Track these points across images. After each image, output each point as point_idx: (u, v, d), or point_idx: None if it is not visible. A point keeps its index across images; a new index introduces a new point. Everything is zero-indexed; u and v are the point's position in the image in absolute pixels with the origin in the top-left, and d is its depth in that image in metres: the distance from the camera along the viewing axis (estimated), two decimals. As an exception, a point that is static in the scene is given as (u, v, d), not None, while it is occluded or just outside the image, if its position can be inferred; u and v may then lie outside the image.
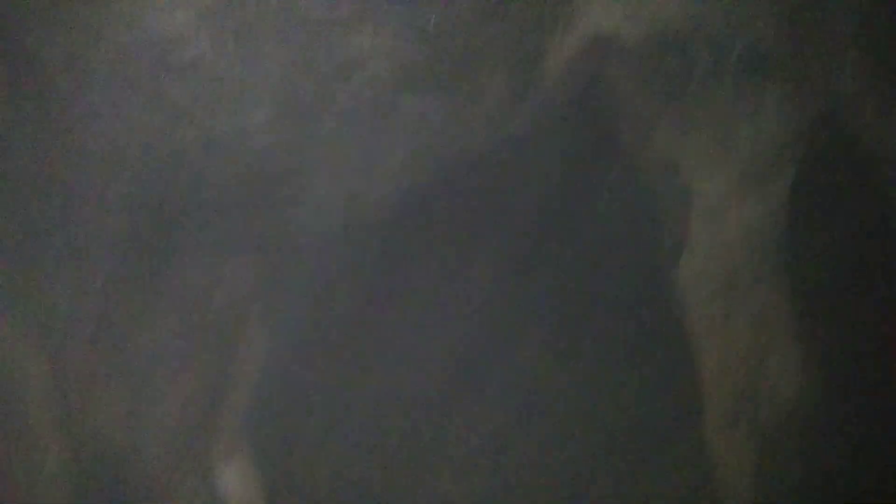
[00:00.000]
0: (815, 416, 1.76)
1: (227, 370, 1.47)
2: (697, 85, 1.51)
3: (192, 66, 1.16)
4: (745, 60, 1.37)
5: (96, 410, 1.35)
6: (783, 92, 1.52)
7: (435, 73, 1.26)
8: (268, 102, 1.21)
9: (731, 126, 1.63)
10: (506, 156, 1.54)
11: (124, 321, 1.30)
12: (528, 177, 2.00)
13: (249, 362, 1.53)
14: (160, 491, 1.51)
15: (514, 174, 1.97)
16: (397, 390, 2.11)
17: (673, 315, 1.76)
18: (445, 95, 1.28)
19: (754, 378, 1.73)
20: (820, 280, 2.01)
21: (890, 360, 2.06)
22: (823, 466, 1.75)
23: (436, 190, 1.47)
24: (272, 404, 1.79)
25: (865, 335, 2.11)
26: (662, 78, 1.56)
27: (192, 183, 1.21)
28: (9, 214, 1.25)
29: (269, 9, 1.15)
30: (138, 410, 1.40)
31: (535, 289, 2.13)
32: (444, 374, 2.13)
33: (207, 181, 1.22)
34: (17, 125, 1.20)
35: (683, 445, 1.92)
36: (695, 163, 1.69)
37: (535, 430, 2.11)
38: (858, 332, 2.12)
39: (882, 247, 1.51)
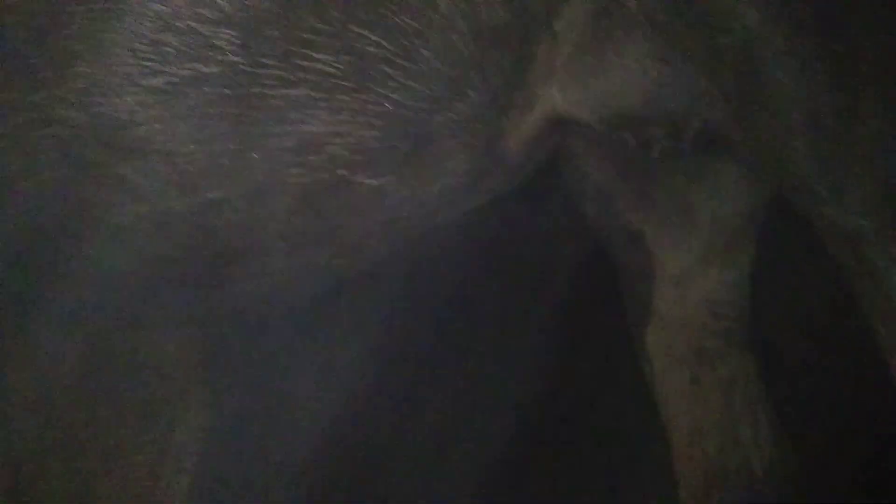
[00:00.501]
0: (787, 489, 1.72)
1: (168, 449, 1.45)
2: (656, 162, 1.52)
3: (142, 146, 1.16)
4: (700, 141, 1.38)
5: (46, 485, 1.32)
6: (739, 172, 1.53)
7: (392, 154, 1.26)
8: (222, 182, 1.21)
9: (692, 201, 1.64)
10: (466, 230, 1.54)
11: (67, 395, 1.28)
12: (490, 249, 2.01)
13: (191, 442, 1.50)
14: None
15: (475, 247, 1.97)
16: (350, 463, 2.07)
17: (642, 384, 1.74)
18: (403, 175, 1.28)
19: (725, 451, 1.70)
20: (788, 348, 1.99)
21: (861, 428, 2.04)
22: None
23: (394, 263, 1.47)
24: (216, 487, 1.76)
25: (836, 401, 2.09)
26: (621, 155, 1.57)
27: (144, 259, 1.20)
28: None
29: (223, 92, 1.15)
30: (84, 486, 1.37)
31: (502, 358, 2.12)
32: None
33: (160, 257, 1.21)
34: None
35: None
36: (659, 234, 1.68)
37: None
38: (829, 398, 2.10)
39: (841, 319, 1.50)
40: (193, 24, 1.16)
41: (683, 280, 1.69)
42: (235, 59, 1.17)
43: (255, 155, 1.18)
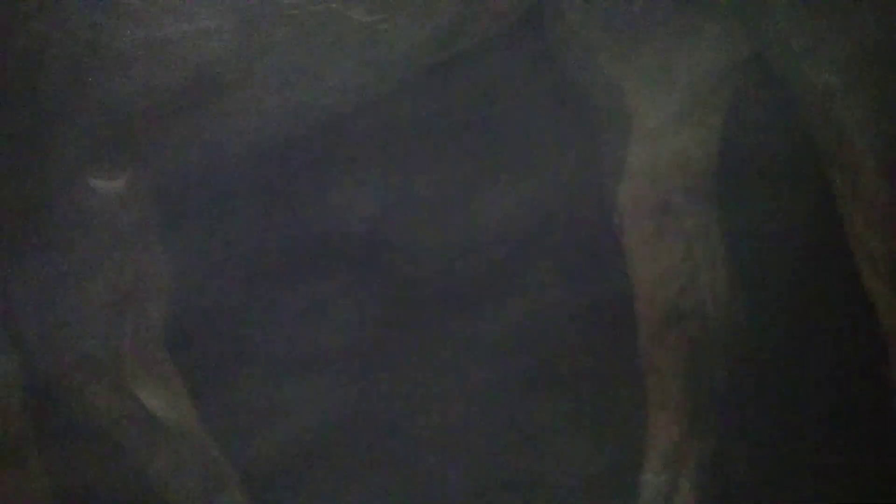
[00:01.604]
0: (738, 330, 1.80)
1: (135, 282, 1.47)
2: (637, 16, 1.49)
3: None
4: None
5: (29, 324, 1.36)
6: (720, 27, 1.51)
7: None
8: (217, 10, 1.17)
9: (671, 57, 1.62)
10: (454, 71, 1.52)
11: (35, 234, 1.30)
12: (476, 93, 1.99)
13: (157, 276, 1.52)
14: (85, 405, 1.52)
15: (462, 90, 1.95)
16: (315, 303, 2.10)
17: (610, 233, 1.77)
18: (395, 13, 1.25)
19: (683, 294, 1.76)
20: (748, 206, 2.03)
21: (807, 280, 2.11)
22: (743, 374, 1.80)
23: (383, 102, 1.46)
24: (189, 322, 1.79)
25: (788, 258, 2.15)
26: (601, 7, 1.54)
27: (139, 87, 1.19)
28: None
29: (219, -82, 1.11)
30: (57, 325, 1.40)
31: (481, 201, 2.13)
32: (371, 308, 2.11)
33: (154, 85, 1.19)
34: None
35: (619, 353, 1.96)
36: (637, 89, 1.68)
37: (474, 344, 2.13)
38: (783, 255, 2.16)
39: (805, 178, 1.53)
40: None
41: (657, 135, 1.69)
42: None
43: (250, -16, 1.16)
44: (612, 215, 1.78)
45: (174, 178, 1.52)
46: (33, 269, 1.46)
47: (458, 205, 2.14)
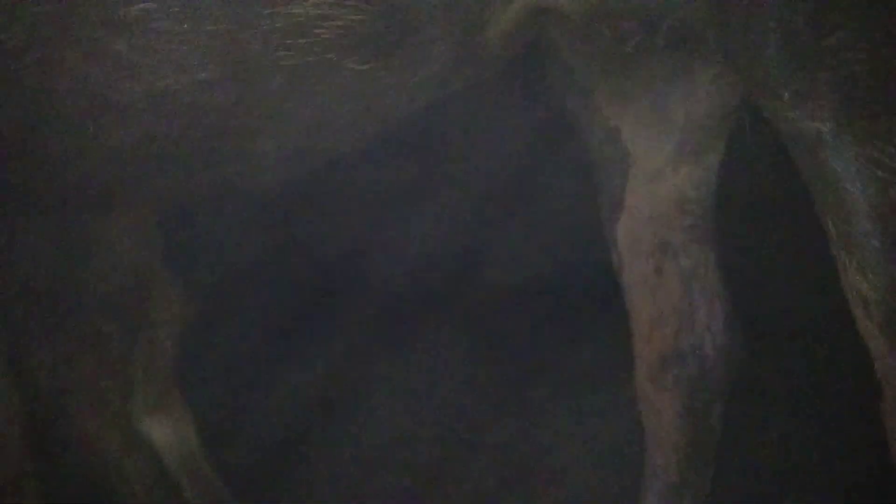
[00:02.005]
0: (737, 370, 1.79)
1: (146, 317, 1.49)
2: (631, 59, 1.51)
3: (139, 24, 1.14)
4: (673, 38, 1.37)
5: (33, 368, 1.37)
6: (714, 72, 1.53)
7: (377, 40, 1.25)
8: (214, 61, 1.20)
9: (667, 99, 1.63)
10: (450, 115, 1.54)
11: (51, 273, 1.32)
12: (473, 134, 2.01)
13: (169, 312, 1.54)
14: (91, 442, 1.53)
15: (459, 132, 1.97)
16: (325, 337, 2.12)
17: (610, 272, 1.78)
18: (388, 61, 1.27)
19: (681, 334, 1.76)
20: (746, 245, 2.03)
21: (805, 317, 2.11)
22: (740, 411, 1.80)
23: (381, 146, 1.47)
24: (196, 356, 1.80)
25: (786, 297, 2.15)
26: (599, 49, 1.56)
27: (140, 137, 1.20)
28: None
29: (214, -29, 1.13)
30: (67, 365, 1.42)
31: (481, 240, 2.14)
32: (372, 331, 2.13)
33: (154, 134, 1.21)
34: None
35: (619, 391, 1.96)
36: (634, 130, 1.69)
37: (477, 377, 2.14)
38: (780, 294, 2.16)
39: (802, 218, 1.53)
40: None
41: (655, 176, 1.70)
42: None
43: (245, 36, 1.17)
44: (611, 255, 1.79)
45: (180, 217, 1.54)
46: (42, 301, 1.48)
47: (457, 243, 2.15)
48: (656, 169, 1.70)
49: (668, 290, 1.75)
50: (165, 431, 1.71)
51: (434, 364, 2.11)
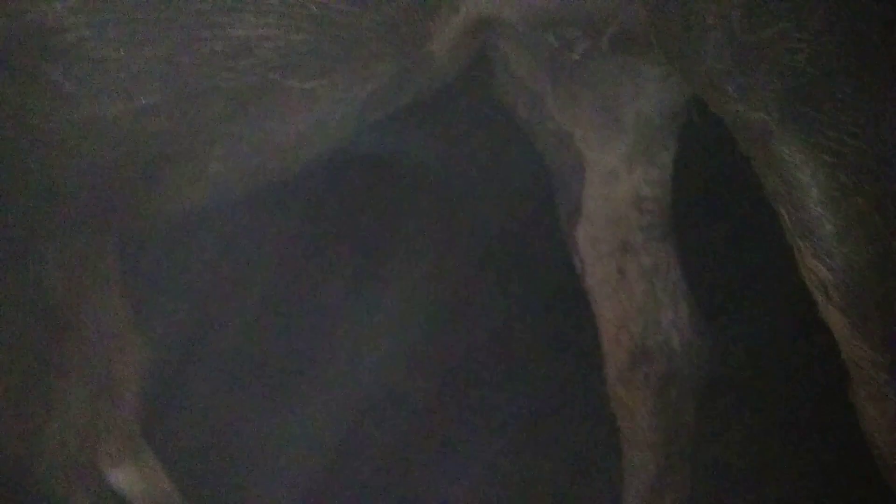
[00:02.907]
0: (706, 365, 1.79)
1: (108, 374, 1.47)
2: (579, 64, 1.51)
3: (73, 51, 1.11)
4: (618, 43, 1.38)
5: None
6: (660, 71, 1.53)
7: (321, 57, 1.23)
8: (155, 87, 1.17)
9: (616, 103, 1.64)
10: (400, 129, 1.53)
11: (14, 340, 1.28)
12: (425, 147, 2.00)
13: (132, 364, 1.52)
14: (56, 492, 1.50)
15: (411, 145, 1.96)
16: (295, 381, 2.10)
17: (571, 276, 1.78)
18: (333, 79, 1.25)
19: (648, 332, 1.76)
20: (705, 240, 2.04)
21: (769, 310, 2.11)
22: (713, 406, 1.80)
23: (330, 163, 1.46)
24: (165, 403, 1.78)
25: (750, 289, 2.16)
26: (546, 57, 1.56)
27: (83, 165, 1.18)
28: None
29: (149, -3, 1.11)
30: (30, 419, 1.39)
31: (440, 248, 2.13)
32: (338, 363, 2.12)
33: (97, 163, 1.19)
34: None
35: (588, 393, 1.95)
36: (587, 134, 1.69)
37: (439, 387, 2.12)
38: (744, 286, 2.17)
39: (756, 209, 1.54)
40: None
41: (610, 178, 1.70)
42: None
43: (185, 59, 1.15)
44: (572, 258, 1.79)
45: (136, 251, 1.51)
46: (4, 367, 1.45)
47: (416, 252, 2.14)
48: (611, 170, 1.70)
49: (632, 290, 1.75)
50: (135, 481, 1.69)
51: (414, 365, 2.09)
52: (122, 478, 1.68)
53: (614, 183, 1.71)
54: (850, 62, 1.24)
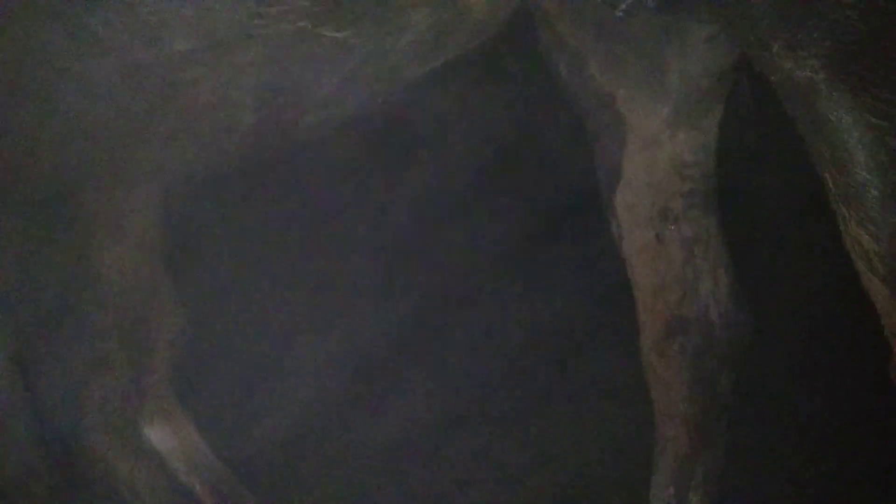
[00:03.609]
0: (743, 338, 1.75)
1: (146, 338, 1.49)
2: (623, 22, 1.47)
3: None
4: (662, 1, 1.33)
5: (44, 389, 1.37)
6: (706, 31, 1.48)
7: (354, 6, 1.21)
8: (186, 33, 1.17)
9: (661, 64, 1.59)
10: (438, 86, 1.50)
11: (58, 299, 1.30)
12: (463, 107, 1.97)
13: (166, 329, 1.55)
14: (100, 458, 1.55)
15: (448, 105, 1.93)
16: (318, 345, 2.09)
17: (610, 241, 1.74)
18: (368, 28, 1.23)
19: (686, 302, 1.72)
20: (749, 210, 1.98)
21: (809, 286, 2.05)
22: (749, 381, 1.76)
23: (366, 119, 1.44)
24: (196, 365, 1.80)
25: (791, 261, 2.10)
26: (589, 14, 1.51)
27: (113, 112, 1.18)
28: None
29: (181, -60, 1.10)
30: (74, 377, 1.43)
31: (477, 217, 2.11)
32: (362, 333, 2.10)
33: (128, 109, 1.18)
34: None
35: (623, 362, 1.92)
36: (629, 96, 1.64)
37: (476, 349, 2.10)
38: (785, 259, 2.11)
39: (805, 178, 1.48)
40: None
41: (652, 142, 1.66)
42: None
43: (215, 5, 1.14)
44: (610, 223, 1.76)
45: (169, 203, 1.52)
46: (52, 333, 1.48)
47: (457, 211, 2.11)
48: (653, 135, 1.66)
49: (670, 259, 1.71)
50: (169, 439, 1.74)
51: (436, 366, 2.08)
52: (156, 436, 1.73)
53: (656, 147, 1.67)
54: (904, 20, 1.19)
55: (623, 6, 1.40)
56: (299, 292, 2.11)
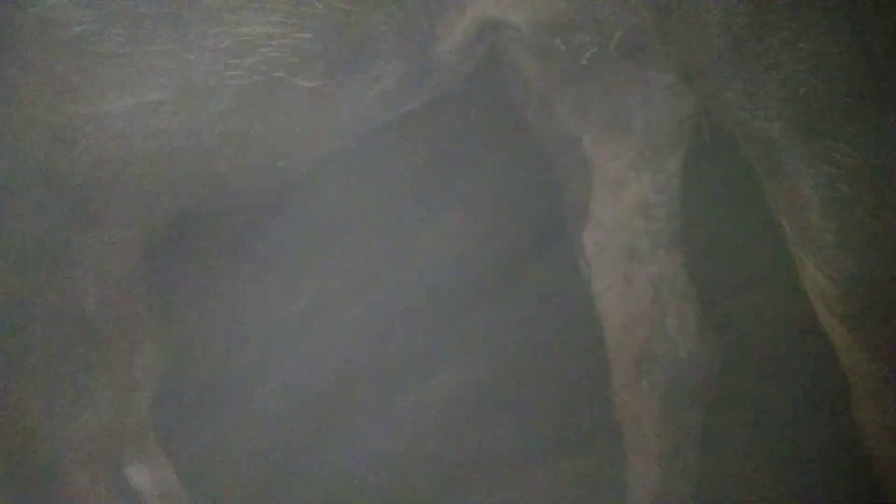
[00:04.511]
0: (711, 372, 1.77)
1: (128, 375, 1.50)
2: (588, 70, 1.51)
3: (79, 44, 1.12)
4: (625, 49, 1.37)
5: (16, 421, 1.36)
6: (668, 80, 1.53)
7: (327, 56, 1.23)
8: (161, 83, 1.18)
9: (625, 109, 1.63)
10: (409, 132, 1.53)
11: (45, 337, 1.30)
12: (434, 151, 1.99)
13: (147, 366, 1.55)
14: (78, 497, 1.54)
15: (420, 149, 1.96)
16: (300, 375, 2.09)
17: (578, 281, 1.76)
18: (341, 77, 1.25)
19: (654, 339, 1.74)
20: (712, 248, 2.02)
21: (773, 320, 2.09)
22: (718, 415, 1.78)
23: (337, 163, 1.46)
24: (175, 401, 1.80)
25: (755, 297, 2.14)
26: (555, 60, 1.55)
27: (88, 160, 1.18)
28: None
29: (156, -8, 1.12)
30: (60, 415, 1.42)
31: (451, 251, 2.12)
32: (341, 360, 2.11)
33: (103, 158, 1.19)
34: None
35: (594, 401, 1.93)
36: (595, 139, 1.68)
37: (441, 389, 2.11)
38: (749, 296, 2.14)
39: (763, 218, 1.52)
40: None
41: (618, 184, 1.69)
42: None
43: (191, 56, 1.16)
44: (579, 263, 1.78)
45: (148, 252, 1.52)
46: (38, 367, 1.48)
47: (425, 256, 2.13)
48: (619, 177, 1.69)
49: (638, 297, 1.74)
50: (146, 477, 1.73)
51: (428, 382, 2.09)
52: (135, 474, 1.72)
53: (622, 189, 1.70)
54: (852, 72, 1.23)
55: (587, 55, 1.44)
56: (275, 325, 2.11)
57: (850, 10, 1.23)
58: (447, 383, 2.09)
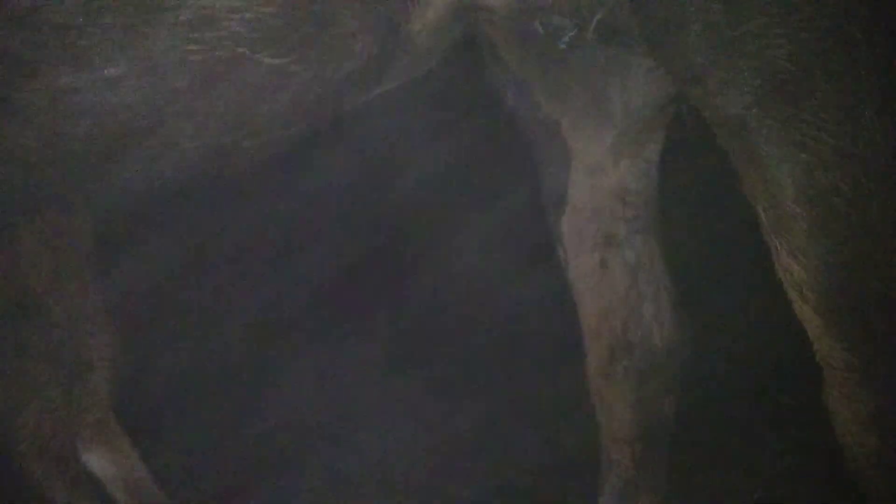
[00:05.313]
0: (685, 360, 1.74)
1: (80, 359, 1.46)
2: (567, 54, 1.46)
3: (29, 17, 1.06)
4: (603, 33, 1.32)
5: None
6: (647, 65, 1.48)
7: (294, 33, 1.18)
8: (117, 59, 1.13)
9: (604, 94, 1.59)
10: (382, 114, 1.48)
11: None
12: (409, 134, 1.95)
13: (103, 349, 1.52)
14: (36, 486, 1.50)
15: (393, 132, 1.91)
16: (255, 357, 2.06)
17: (555, 267, 1.73)
18: (309, 55, 1.20)
19: (629, 326, 1.71)
20: (688, 236, 1.99)
21: (747, 308, 2.06)
22: (691, 400, 1.75)
23: (306, 144, 1.41)
24: (133, 386, 1.76)
25: (732, 286, 2.11)
26: (534, 45, 1.50)
27: (45, 136, 1.13)
28: None
29: (113, -36, 1.06)
30: (5, 403, 1.38)
31: (428, 237, 2.08)
32: (292, 338, 2.07)
33: (60, 133, 1.14)
34: None
35: (570, 385, 1.91)
36: (574, 124, 1.64)
37: (424, 380, 2.08)
38: (726, 283, 2.11)
39: (736, 203, 1.48)
40: None
41: (596, 169, 1.65)
42: None
43: (148, 30, 1.11)
44: (556, 249, 1.74)
45: (105, 225, 1.48)
46: None
47: (404, 242, 2.09)
48: (597, 162, 1.66)
49: (614, 283, 1.70)
50: (107, 465, 1.70)
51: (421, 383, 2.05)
52: (96, 462, 1.68)
53: (600, 175, 1.66)
54: (830, 60, 1.19)
55: (566, 38, 1.39)
56: (235, 316, 2.06)
57: (828, -3, 1.19)
58: (416, 367, 2.06)
